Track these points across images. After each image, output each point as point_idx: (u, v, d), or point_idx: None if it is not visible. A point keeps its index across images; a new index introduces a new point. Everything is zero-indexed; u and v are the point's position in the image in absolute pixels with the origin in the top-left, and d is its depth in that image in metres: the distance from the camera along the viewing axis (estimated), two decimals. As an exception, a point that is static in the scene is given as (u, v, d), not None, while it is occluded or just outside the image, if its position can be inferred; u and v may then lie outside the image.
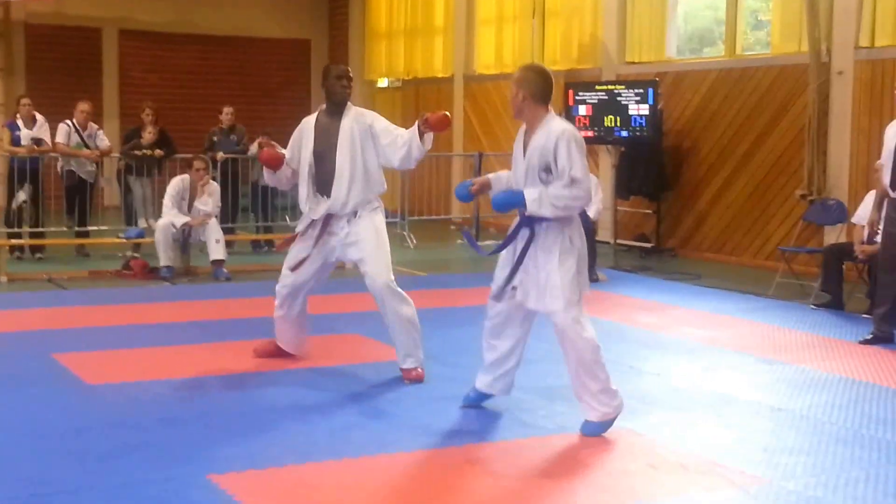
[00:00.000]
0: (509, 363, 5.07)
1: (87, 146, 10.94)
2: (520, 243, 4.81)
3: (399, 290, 5.74)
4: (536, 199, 4.66)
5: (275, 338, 6.22)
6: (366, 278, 5.75)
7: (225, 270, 9.67)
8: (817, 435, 4.89)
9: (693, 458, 4.49)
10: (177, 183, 9.89)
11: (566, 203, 4.63)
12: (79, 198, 10.93)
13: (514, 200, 4.77)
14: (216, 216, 9.98)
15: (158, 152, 11.11)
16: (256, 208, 11.94)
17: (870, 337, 7.04)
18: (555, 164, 4.65)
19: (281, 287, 5.99)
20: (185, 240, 9.87)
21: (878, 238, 7.90)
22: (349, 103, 5.88)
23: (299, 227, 5.94)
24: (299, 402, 5.31)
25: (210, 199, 9.92)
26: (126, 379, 5.70)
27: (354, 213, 5.75)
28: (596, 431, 4.78)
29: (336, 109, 5.85)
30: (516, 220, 4.88)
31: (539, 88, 4.77)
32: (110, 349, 6.47)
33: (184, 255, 10.00)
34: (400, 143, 5.70)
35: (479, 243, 12.72)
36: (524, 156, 4.78)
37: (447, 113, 5.69)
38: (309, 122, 5.92)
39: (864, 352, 6.79)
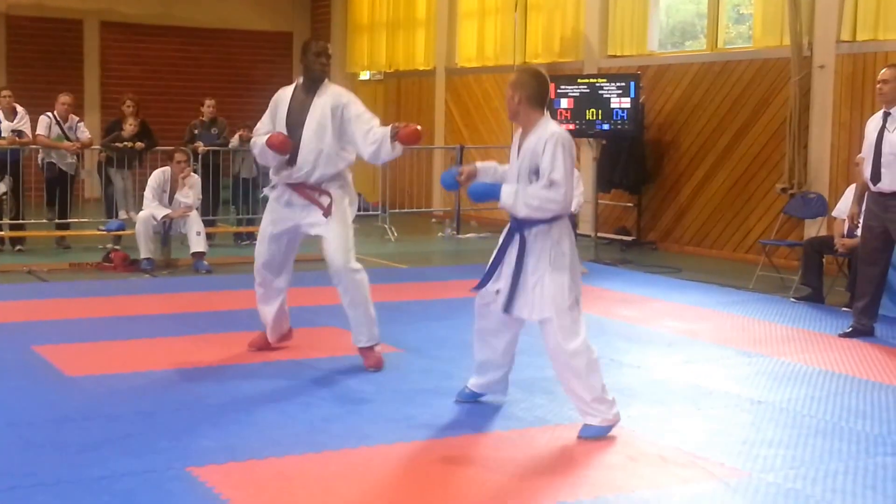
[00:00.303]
0: (501, 364, 5.06)
1: (67, 138, 10.87)
2: (512, 250, 4.77)
3: (356, 269, 5.78)
4: (511, 193, 4.66)
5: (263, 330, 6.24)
6: (325, 255, 5.82)
7: (206, 263, 9.64)
8: (797, 427, 4.92)
9: (673, 451, 4.51)
10: (158, 175, 9.84)
11: (540, 203, 4.61)
12: (59, 190, 10.86)
13: (489, 192, 4.78)
14: (197, 208, 9.94)
15: (139, 144, 11.05)
16: (237, 201, 11.90)
17: (849, 330, 7.09)
18: (541, 164, 4.65)
19: (257, 266, 6.07)
20: (166, 232, 9.83)
21: (858, 231, 7.96)
22: (327, 81, 5.91)
23: (267, 191, 6.05)
24: (279, 394, 5.30)
25: (191, 192, 9.88)
26: (106, 371, 5.68)
27: (320, 185, 5.80)
28: (597, 434, 4.67)
29: (312, 86, 5.87)
30: (507, 225, 4.85)
31: (535, 92, 4.78)
32: (90, 341, 6.45)
33: (164, 248, 9.96)
34: (371, 138, 5.69)
35: (460, 235, 12.83)
36: (517, 157, 4.79)
37: (419, 127, 5.72)
38: (284, 94, 5.98)
39: (843, 345, 6.84)
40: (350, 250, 5.82)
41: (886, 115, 6.91)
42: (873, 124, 7.03)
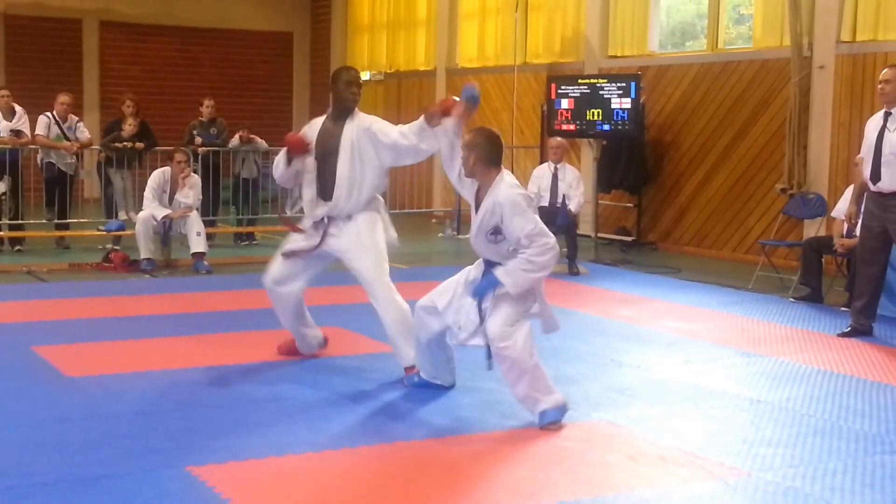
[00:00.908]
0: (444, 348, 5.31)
1: (66, 138, 10.87)
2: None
3: (390, 287, 5.65)
4: (507, 273, 4.81)
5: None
6: (356, 274, 5.70)
7: (206, 263, 9.64)
8: (796, 427, 4.92)
9: (672, 450, 4.51)
10: (157, 175, 9.85)
11: (540, 260, 4.80)
12: (59, 190, 10.86)
13: (490, 285, 4.88)
14: (197, 209, 9.94)
15: (139, 144, 11.06)
16: (237, 201, 11.91)
17: (848, 330, 7.09)
18: (506, 229, 4.83)
19: (268, 281, 5.88)
20: (166, 232, 9.83)
21: (857, 231, 7.97)
22: (356, 109, 5.74)
23: (305, 224, 5.85)
24: (280, 394, 5.30)
25: (191, 192, 9.89)
26: (105, 371, 5.68)
27: (349, 216, 5.69)
28: (555, 417, 4.82)
29: (342, 115, 5.73)
30: (481, 264, 5.03)
31: (488, 153, 4.94)
32: (90, 342, 6.45)
33: (164, 248, 9.97)
34: (400, 133, 5.55)
35: (461, 236, 12.83)
36: (476, 213, 4.99)
37: (451, 98, 5.51)
38: (315, 125, 5.83)
39: (842, 344, 6.84)
40: (382, 266, 5.68)
41: (887, 114, 6.90)
42: (873, 124, 7.02)
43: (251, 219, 11.83)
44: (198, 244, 9.63)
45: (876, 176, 6.88)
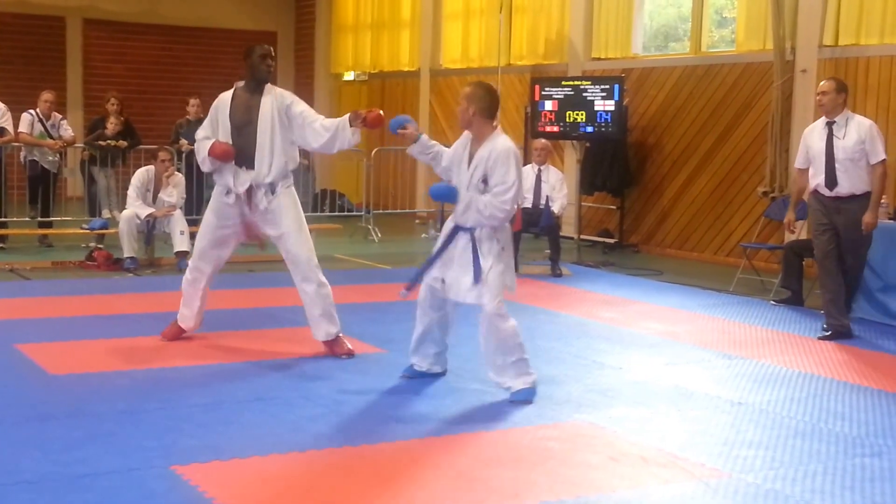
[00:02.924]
0: (440, 341, 5.59)
1: (50, 136, 10.83)
2: (463, 246, 5.26)
3: (319, 267, 6.05)
4: (465, 204, 5.18)
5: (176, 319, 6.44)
6: (285, 254, 6.05)
7: (189, 262, 9.60)
8: (776, 429, 4.97)
9: (653, 451, 4.54)
10: (141, 174, 9.82)
11: (491, 212, 5.11)
12: (42, 188, 10.82)
13: (448, 195, 5.33)
14: (181, 207, 9.92)
15: (122, 143, 11.02)
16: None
17: (828, 333, 7.15)
18: (491, 177, 5.12)
19: (194, 257, 6.36)
20: (150, 231, 9.81)
21: (794, 236, 8.00)
22: (269, 83, 6.12)
23: (216, 195, 6.22)
24: (264, 394, 5.30)
25: (175, 191, 9.87)
26: (89, 370, 5.67)
27: (272, 187, 6.01)
28: (527, 397, 5.20)
29: (257, 87, 6.09)
30: (451, 225, 5.35)
31: (487, 104, 5.22)
32: (73, 340, 6.43)
33: (148, 247, 9.94)
34: (318, 128, 5.96)
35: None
36: (468, 166, 5.23)
37: (381, 112, 5.98)
38: (224, 98, 6.20)
39: (822, 347, 6.90)
40: (311, 245, 6.07)
41: (830, 124, 7.17)
42: (815, 134, 7.27)
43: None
44: (181, 243, 9.61)
45: (832, 183, 7.11)
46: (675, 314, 7.96)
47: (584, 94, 11.46)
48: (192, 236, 10.15)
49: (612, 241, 12.03)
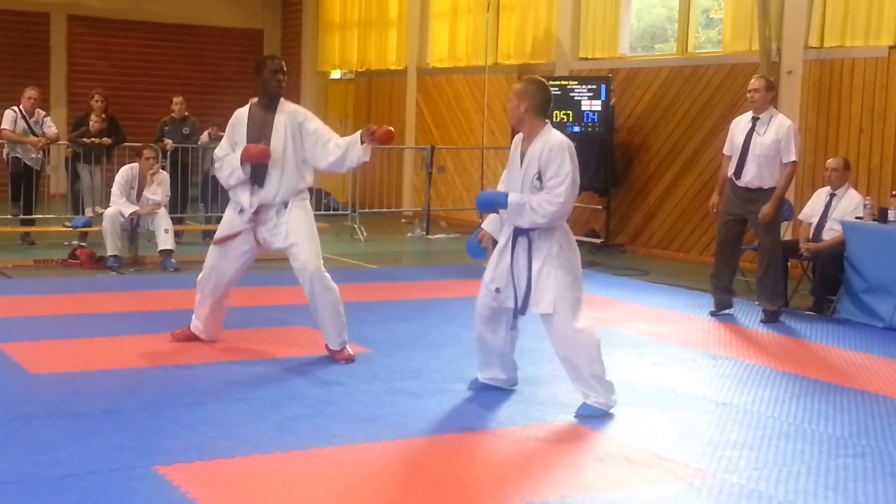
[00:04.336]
0: (504, 353, 5.30)
1: (33, 133, 10.76)
2: (520, 251, 5.01)
3: (327, 275, 5.93)
4: (517, 202, 4.90)
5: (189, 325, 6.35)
6: (295, 263, 5.92)
7: (173, 261, 9.58)
8: (760, 429, 4.97)
9: (638, 452, 4.54)
10: (125, 171, 9.77)
11: (545, 209, 4.86)
12: (24, 185, 10.75)
13: (496, 200, 5.04)
14: (165, 206, 9.87)
15: (106, 140, 10.96)
16: (206, 198, 11.83)
17: (714, 309, 7.91)
18: (545, 172, 4.90)
19: (204, 274, 6.20)
20: (133, 229, 9.75)
21: (824, 234, 8.13)
22: (282, 98, 6.03)
23: (229, 212, 6.15)
24: (247, 393, 5.28)
25: (159, 189, 9.81)
26: (71, 369, 5.63)
27: (284, 204, 5.94)
28: (592, 413, 4.98)
29: (270, 103, 6.00)
30: (509, 229, 5.08)
31: (540, 101, 5.00)
32: (55, 339, 6.38)
33: (131, 245, 9.89)
34: (331, 147, 5.88)
35: (430, 236, 12.85)
36: (521, 165, 5.01)
37: (392, 129, 5.91)
38: (241, 115, 6.05)
39: (808, 348, 6.93)
40: (320, 256, 5.95)
41: (755, 119, 7.65)
42: (741, 126, 7.76)
43: (220, 216, 11.71)
44: (165, 241, 9.56)
45: (739, 173, 7.64)
46: (661, 314, 7.97)
47: (571, 94, 11.47)
48: (177, 235, 10.19)
49: (598, 241, 12.03)
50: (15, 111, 10.70)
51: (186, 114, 11.73)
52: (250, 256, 6.16)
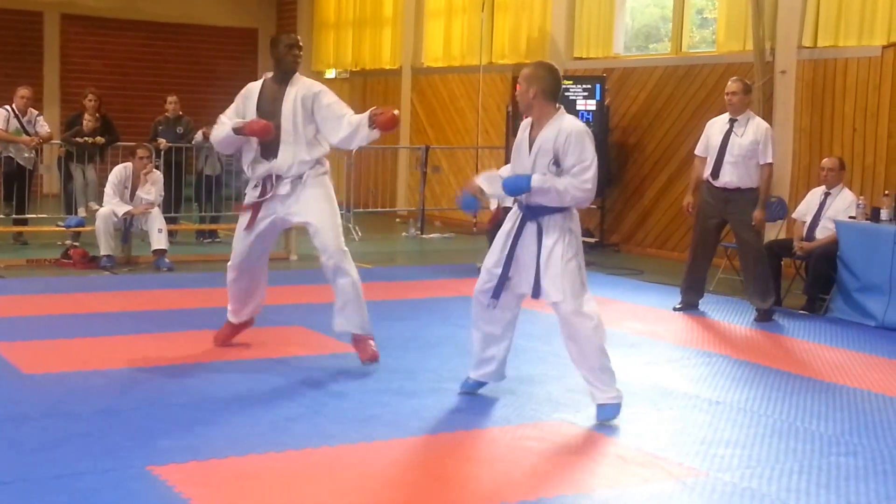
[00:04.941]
0: (500, 344, 5.22)
1: (26, 132, 10.74)
2: (528, 236, 4.94)
3: (347, 256, 5.82)
4: (540, 186, 4.82)
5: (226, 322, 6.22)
6: (315, 240, 5.82)
7: (167, 260, 9.56)
8: (753, 427, 4.98)
9: (632, 451, 4.55)
10: (119, 171, 9.75)
11: (573, 194, 4.82)
12: (17, 185, 10.72)
13: (521, 183, 4.90)
14: (159, 205, 9.86)
15: (100, 139, 10.94)
16: (200, 198, 11.81)
17: (679, 306, 8.07)
18: (564, 158, 4.81)
19: (232, 260, 6.05)
20: (127, 229, 9.73)
21: (817, 233, 8.15)
22: (297, 73, 5.94)
23: (248, 193, 5.99)
24: (242, 393, 5.27)
25: (153, 188, 9.80)
26: (65, 369, 5.62)
27: (300, 177, 5.82)
28: (609, 415, 4.90)
29: (284, 77, 5.91)
30: (516, 213, 5.00)
31: (549, 85, 4.91)
32: (48, 339, 6.37)
33: (125, 245, 9.87)
34: (344, 122, 5.77)
35: (424, 235, 12.85)
36: (530, 150, 4.91)
37: (396, 112, 5.76)
38: (253, 88, 5.97)
39: (801, 347, 6.94)
40: (340, 232, 5.86)
41: (733, 121, 7.77)
42: (717, 126, 7.88)
43: (214, 216, 11.74)
44: (159, 241, 9.55)
45: (716, 174, 7.74)
46: (655, 313, 7.98)
47: (566, 94, 11.45)
48: (171, 234, 10.17)
49: (592, 240, 12.02)
50: (7, 110, 10.68)
51: (180, 113, 11.70)
52: (272, 232, 6.04)
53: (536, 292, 4.95)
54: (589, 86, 11.35)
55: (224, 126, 5.94)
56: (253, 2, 18.35)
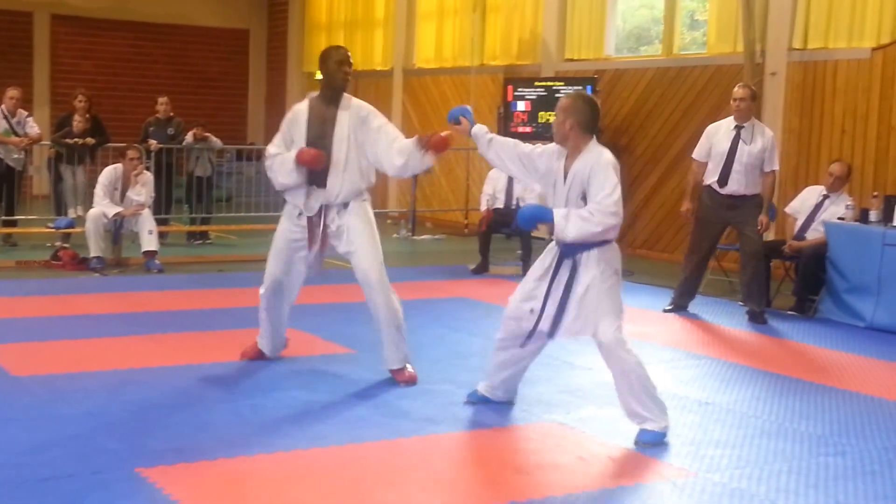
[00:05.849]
0: (516, 373, 5.16)
1: (15, 133, 10.71)
2: (563, 273, 4.79)
3: (388, 286, 5.58)
4: (564, 216, 4.69)
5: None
6: (357, 271, 5.60)
7: (157, 262, 9.54)
8: (742, 428, 5.00)
9: (622, 451, 4.56)
10: (109, 172, 9.72)
11: (600, 218, 4.63)
12: (6, 186, 10.69)
13: (539, 214, 4.88)
14: (149, 207, 9.83)
15: (90, 140, 10.91)
16: (191, 199, 11.80)
17: (669, 307, 8.06)
18: (590, 188, 4.70)
19: (266, 285, 5.75)
20: (117, 230, 9.70)
21: (808, 235, 8.18)
22: (346, 93, 5.66)
23: (286, 216, 5.69)
24: (231, 395, 5.27)
25: (143, 190, 9.77)
26: (53, 371, 5.60)
27: (345, 205, 5.57)
28: (652, 440, 4.68)
29: (333, 96, 5.60)
30: (554, 248, 4.87)
31: (586, 118, 4.81)
32: (37, 341, 6.35)
33: (115, 246, 9.84)
34: (396, 148, 5.47)
35: (415, 237, 12.83)
36: (564, 181, 4.81)
37: (445, 133, 5.43)
38: (300, 112, 5.63)
39: (789, 348, 6.96)
40: (382, 262, 5.58)
41: (739, 128, 7.67)
42: (722, 133, 7.74)
43: (204, 217, 11.73)
44: (149, 243, 9.52)
45: (724, 181, 7.64)
46: (645, 315, 7.99)
47: (557, 95, 11.46)
48: (161, 236, 10.15)
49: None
50: (-4, 111, 10.65)
51: (171, 114, 11.68)
52: (311, 263, 5.69)
53: (553, 331, 4.83)
54: (580, 87, 11.34)
55: (281, 159, 5.54)
56: (244, 2, 18.33)
